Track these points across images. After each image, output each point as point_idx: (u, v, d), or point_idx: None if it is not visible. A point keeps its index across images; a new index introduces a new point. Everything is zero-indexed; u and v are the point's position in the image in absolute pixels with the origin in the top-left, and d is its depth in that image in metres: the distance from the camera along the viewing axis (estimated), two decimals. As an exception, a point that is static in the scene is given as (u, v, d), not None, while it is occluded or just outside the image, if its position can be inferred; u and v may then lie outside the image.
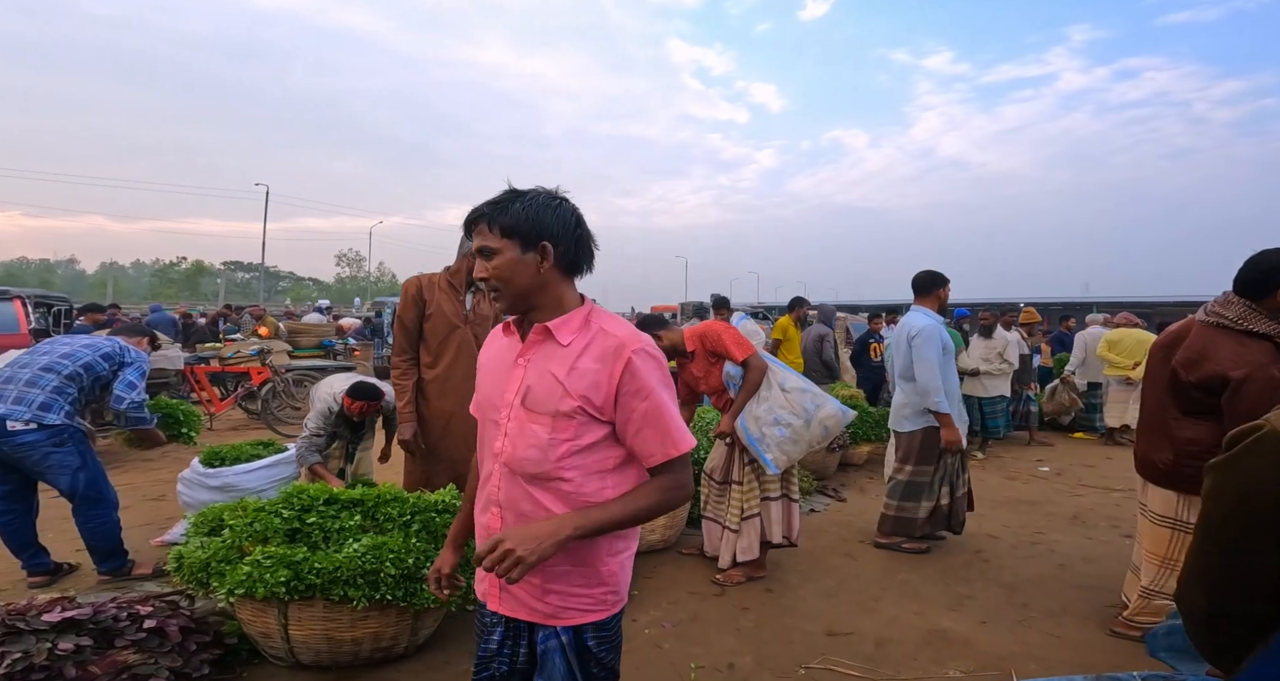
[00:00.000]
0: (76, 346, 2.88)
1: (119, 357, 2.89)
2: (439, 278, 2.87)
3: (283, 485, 3.44)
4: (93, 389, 2.87)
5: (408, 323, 2.79)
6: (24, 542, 2.89)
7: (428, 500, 2.17)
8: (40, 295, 8.86)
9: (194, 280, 53.62)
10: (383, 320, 13.57)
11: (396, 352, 2.81)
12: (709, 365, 3.11)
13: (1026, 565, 3.51)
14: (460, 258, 2.89)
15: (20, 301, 7.06)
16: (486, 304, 2.91)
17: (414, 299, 2.79)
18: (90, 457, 2.83)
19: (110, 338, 3.06)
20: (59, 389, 2.73)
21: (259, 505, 2.02)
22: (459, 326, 2.81)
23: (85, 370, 2.81)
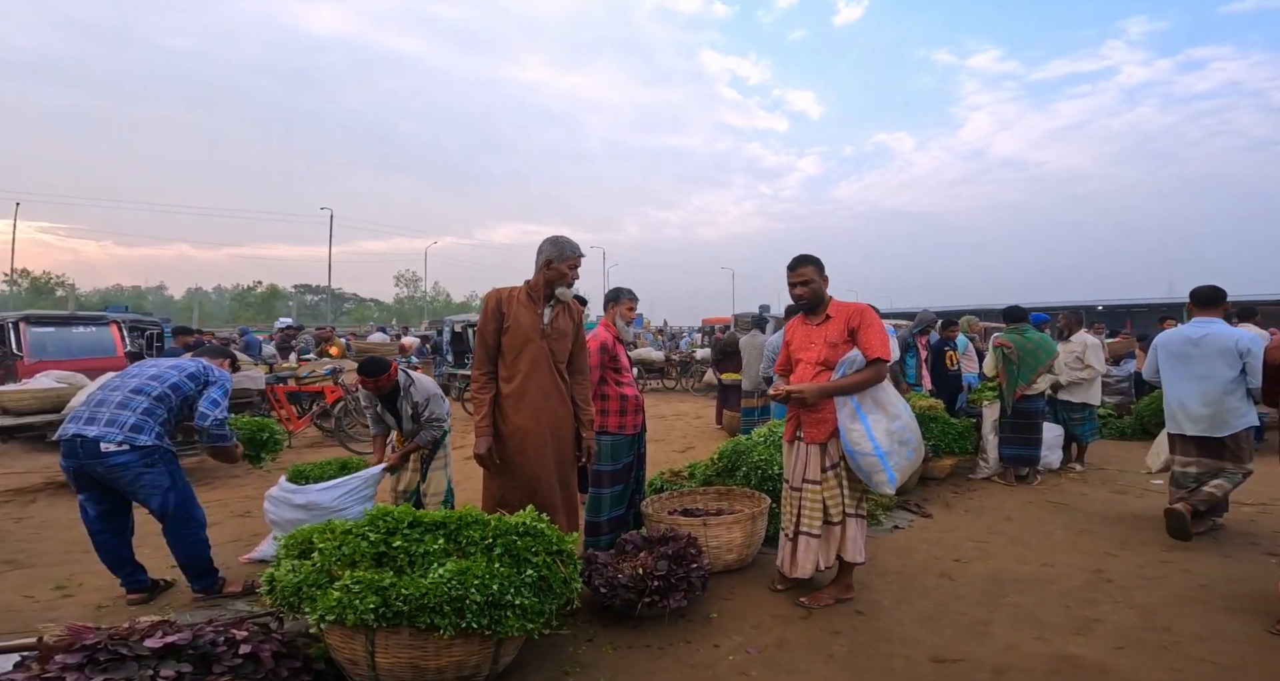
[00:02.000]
0: (164, 368, 2.99)
1: (204, 377, 2.99)
2: (518, 291, 2.86)
3: (362, 502, 3.52)
4: (180, 409, 2.96)
5: (487, 337, 2.78)
6: (121, 560, 2.98)
7: (508, 523, 2.11)
8: (134, 319, 9.53)
9: (269, 303, 56.90)
10: (442, 338, 14.02)
11: (475, 366, 2.81)
12: (837, 340, 2.87)
13: (1159, 586, 3.16)
14: (538, 270, 2.86)
15: (117, 325, 7.59)
16: (565, 318, 2.88)
17: (493, 312, 2.79)
18: (180, 478, 2.91)
19: (195, 359, 3.18)
20: (149, 410, 2.82)
21: (346, 527, 2.02)
22: (534, 340, 2.78)
23: (173, 391, 2.91)
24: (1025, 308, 5.62)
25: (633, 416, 3.42)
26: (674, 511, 3.74)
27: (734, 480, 4.03)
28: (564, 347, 2.85)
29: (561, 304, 2.89)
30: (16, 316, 6.98)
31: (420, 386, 3.73)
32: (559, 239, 2.86)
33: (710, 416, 9.52)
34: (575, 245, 2.87)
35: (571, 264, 2.82)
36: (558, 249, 2.82)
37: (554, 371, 2.81)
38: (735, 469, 4.05)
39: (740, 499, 3.84)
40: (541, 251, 2.85)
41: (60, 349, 6.93)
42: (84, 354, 6.95)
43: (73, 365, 6.28)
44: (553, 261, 2.81)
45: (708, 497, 3.94)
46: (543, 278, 2.82)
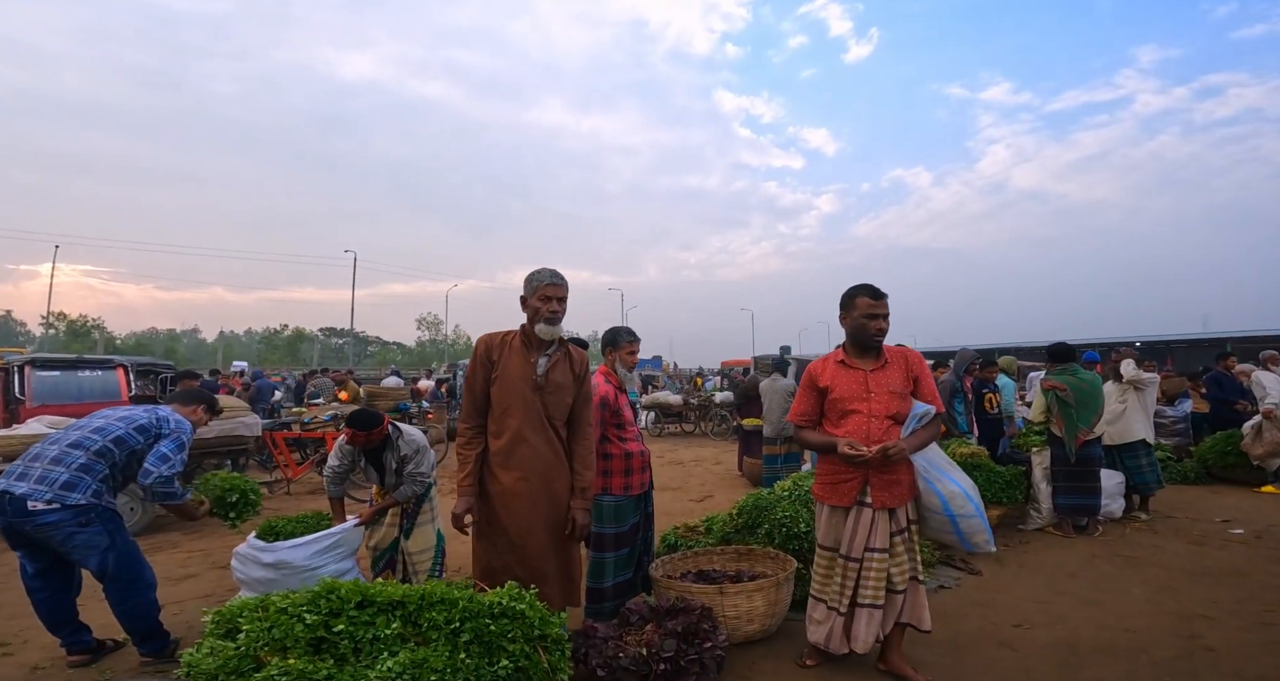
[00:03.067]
0: (112, 420, 2.75)
1: (155, 429, 2.73)
2: (513, 336, 2.53)
3: (340, 560, 3.17)
4: (128, 464, 2.71)
5: (475, 386, 2.47)
6: (62, 620, 2.75)
7: (480, 603, 1.75)
8: (146, 363, 9.48)
9: (294, 346, 57.86)
10: (457, 382, 13.81)
11: (462, 419, 2.49)
12: (901, 388, 2.45)
13: (1271, 652, 2.66)
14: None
15: (123, 369, 7.49)
16: (564, 368, 2.51)
17: (481, 359, 2.48)
18: (121, 537, 2.67)
19: (154, 407, 2.91)
20: (85, 466, 2.61)
21: (281, 604, 1.67)
22: (525, 393, 2.43)
23: (116, 445, 2.67)
24: (1076, 345, 5.18)
25: (638, 475, 3.08)
26: (687, 574, 3.32)
27: (755, 538, 3.59)
28: (561, 402, 2.49)
29: (561, 352, 2.53)
30: (22, 359, 6.95)
31: (408, 438, 3.44)
32: (531, 274, 2.51)
33: (730, 462, 9.07)
34: (545, 272, 2.47)
35: (544, 294, 2.43)
36: (526, 283, 2.49)
37: (548, 428, 2.45)
38: (756, 526, 3.62)
39: (762, 560, 3.40)
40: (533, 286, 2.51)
41: (65, 393, 6.84)
42: (89, 398, 6.84)
43: (76, 409, 6.15)
44: (526, 298, 2.48)
45: (726, 558, 3.50)
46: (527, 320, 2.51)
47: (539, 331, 2.44)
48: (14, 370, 6.62)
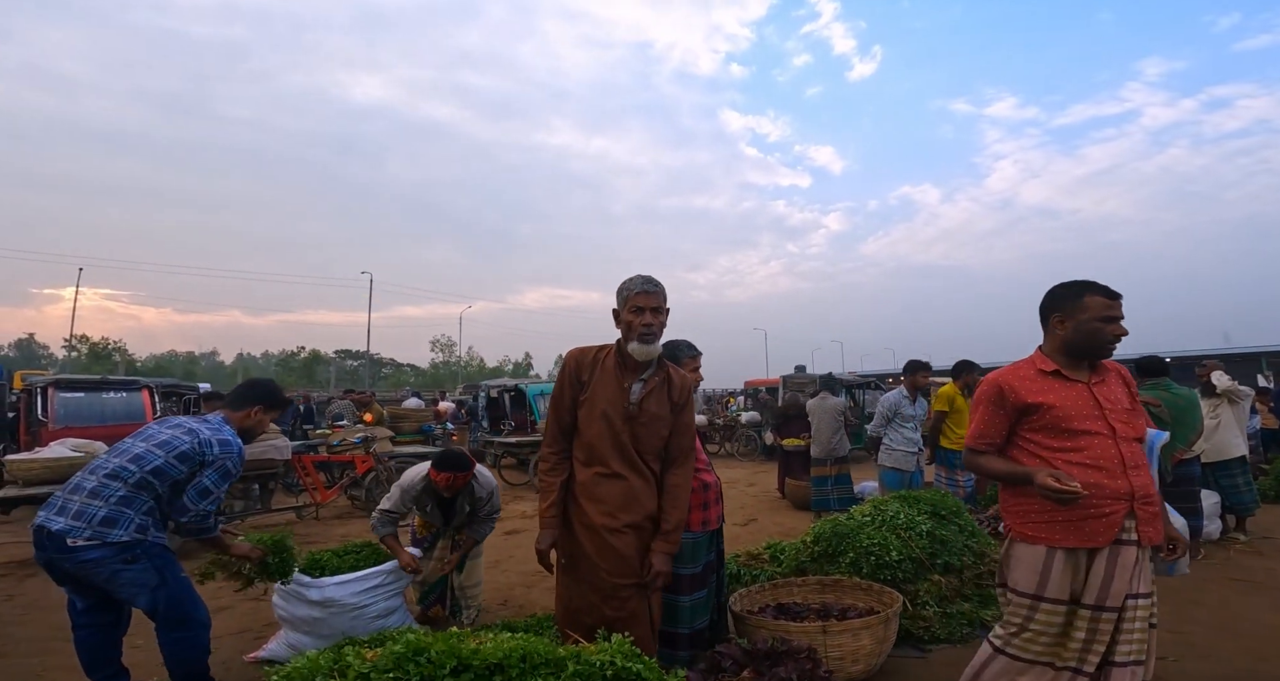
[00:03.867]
0: (151, 447, 2.42)
1: (198, 456, 2.41)
2: (607, 353, 2.19)
3: (389, 598, 2.90)
4: (172, 495, 2.42)
5: (560, 409, 2.18)
6: (102, 661, 2.45)
7: (590, 663, 1.45)
8: (171, 384, 9.35)
9: (311, 368, 58.12)
10: (477, 403, 13.63)
11: (546, 442, 2.20)
12: (1132, 405, 2.04)
13: None
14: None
15: (148, 391, 7.32)
16: (661, 397, 2.15)
17: (569, 379, 2.17)
18: (172, 573, 2.38)
19: (202, 423, 2.54)
20: (126, 499, 2.33)
21: (361, 668, 1.38)
22: (614, 422, 2.10)
23: (155, 476, 2.36)
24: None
25: (715, 508, 2.80)
26: (766, 608, 3.01)
27: (838, 568, 3.26)
28: (654, 434, 2.15)
29: (660, 376, 2.16)
30: (45, 381, 6.80)
31: (483, 480, 3.23)
32: (622, 284, 2.18)
33: (764, 484, 8.74)
34: (636, 280, 2.14)
35: (635, 306, 2.09)
36: (618, 294, 2.17)
37: (639, 463, 2.13)
38: (837, 554, 3.29)
39: (851, 592, 3.07)
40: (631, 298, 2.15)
41: (88, 414, 6.66)
42: (112, 420, 6.67)
43: (100, 431, 5.97)
44: (617, 311, 2.17)
45: (808, 590, 3.18)
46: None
47: (632, 351, 2.10)
48: (37, 391, 6.48)
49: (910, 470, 4.58)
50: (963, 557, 3.27)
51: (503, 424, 12.13)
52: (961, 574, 3.24)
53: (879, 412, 4.72)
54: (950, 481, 4.71)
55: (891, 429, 4.61)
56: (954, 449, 4.66)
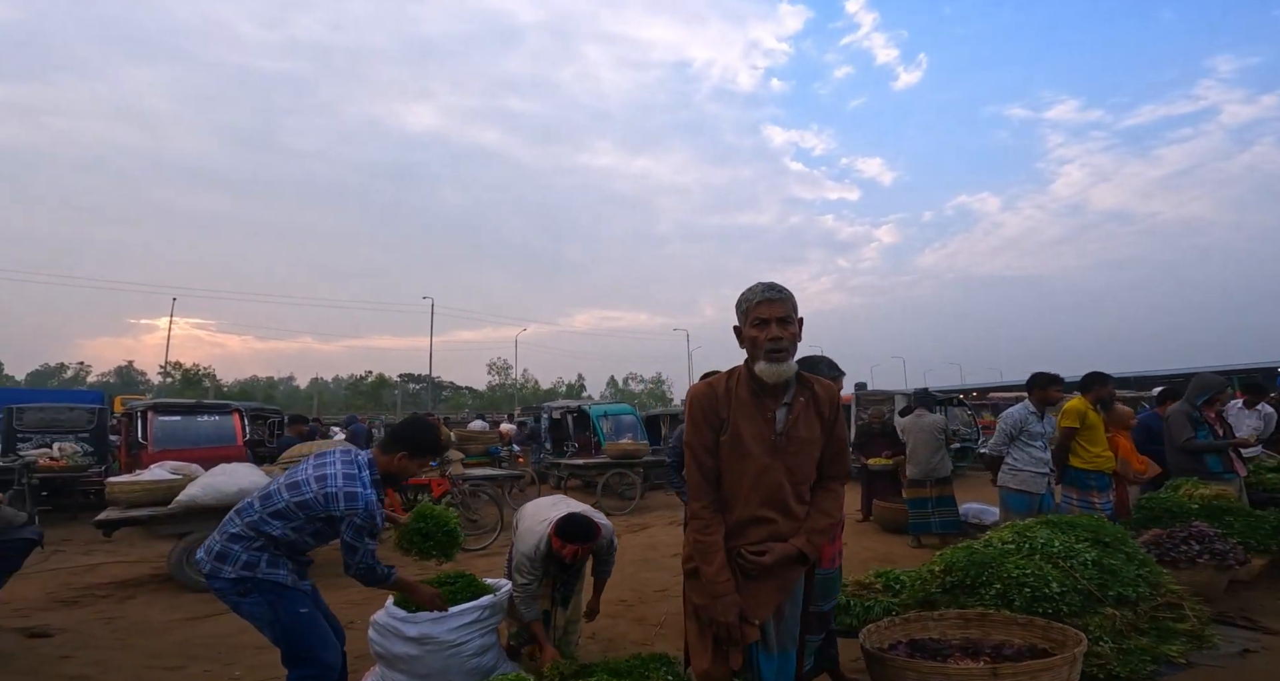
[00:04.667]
0: (284, 485, 2.33)
1: (320, 509, 2.25)
2: (736, 381, 1.88)
3: (484, 635, 2.73)
4: (296, 537, 2.31)
5: (700, 455, 1.87)
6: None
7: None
8: (257, 408, 9.77)
9: (377, 392, 60.46)
10: (540, 425, 13.63)
11: (693, 496, 1.89)
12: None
13: None
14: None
15: (239, 414, 7.60)
16: (809, 419, 1.88)
17: (704, 420, 1.87)
18: (285, 610, 2.27)
19: (347, 465, 2.32)
20: (236, 536, 2.28)
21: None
22: (762, 458, 1.82)
23: (275, 518, 2.28)
24: (1212, 372, 4.25)
25: (839, 542, 2.58)
26: (897, 644, 2.66)
27: (980, 601, 2.86)
28: (806, 461, 1.88)
29: (805, 396, 1.88)
30: (144, 405, 7.16)
31: (605, 530, 2.99)
32: (741, 296, 1.93)
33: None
34: (757, 288, 1.88)
35: (758, 318, 1.83)
36: (737, 308, 1.92)
37: (790, 505, 1.86)
38: (979, 585, 2.89)
39: (1004, 627, 2.67)
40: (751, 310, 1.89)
41: (184, 437, 6.96)
42: (206, 443, 6.94)
43: (195, 454, 6.20)
44: (740, 328, 1.91)
45: (947, 624, 2.80)
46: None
47: (760, 373, 1.82)
48: (137, 415, 6.83)
49: (1040, 492, 4.11)
50: (1137, 589, 2.82)
51: (566, 445, 12.06)
52: (1136, 607, 2.80)
53: (1000, 430, 4.27)
54: (1084, 503, 4.22)
55: (1016, 447, 4.16)
56: (1086, 468, 4.22)
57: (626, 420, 11.54)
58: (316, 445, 5.60)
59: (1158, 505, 4.21)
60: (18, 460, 7.36)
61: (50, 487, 7.57)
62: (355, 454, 2.39)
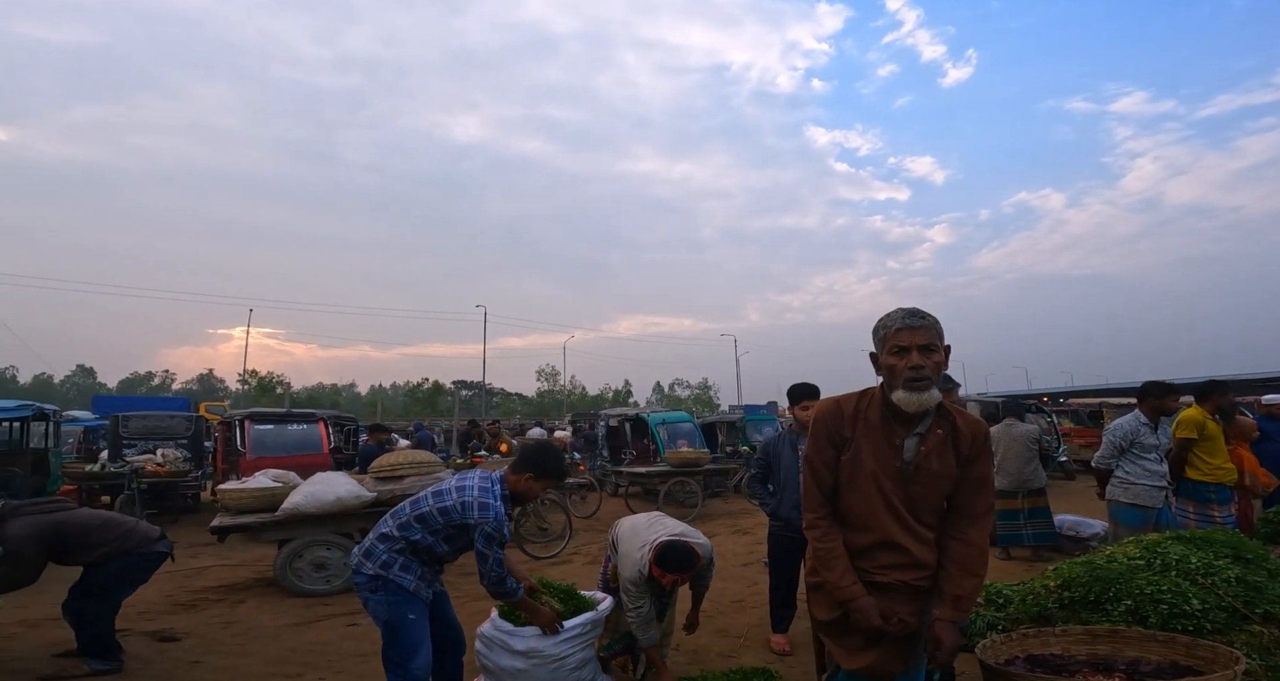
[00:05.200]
0: (431, 492, 2.57)
1: (458, 516, 2.47)
2: (868, 403, 1.85)
3: (585, 648, 2.80)
4: (432, 542, 2.53)
5: (818, 470, 1.88)
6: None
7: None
8: (334, 415, 10.21)
9: (433, 399, 62.27)
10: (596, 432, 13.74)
11: (807, 508, 1.91)
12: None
13: None
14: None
15: (324, 423, 7.97)
16: (944, 453, 1.79)
17: (826, 438, 1.86)
18: (398, 613, 2.46)
19: (484, 480, 2.56)
20: (384, 536, 2.55)
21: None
22: (883, 483, 1.79)
23: (419, 521, 2.51)
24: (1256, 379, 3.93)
25: None
26: (1014, 660, 2.56)
27: (1107, 617, 2.74)
28: (933, 492, 1.82)
29: (944, 428, 1.80)
30: (243, 414, 7.60)
31: (703, 551, 2.99)
32: (878, 322, 1.86)
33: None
34: (896, 314, 1.81)
35: (897, 345, 1.76)
36: (874, 334, 1.86)
37: (914, 526, 1.81)
38: (1105, 601, 2.77)
39: (1139, 643, 2.53)
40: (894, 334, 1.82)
41: (277, 445, 7.35)
42: (296, 450, 7.31)
43: (286, 461, 6.51)
44: (876, 355, 1.85)
45: (1071, 641, 2.67)
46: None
47: (898, 401, 1.75)
48: (235, 423, 7.25)
49: (1157, 507, 3.91)
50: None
51: (624, 453, 12.12)
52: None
53: (1109, 442, 4.08)
54: (1203, 517, 4.02)
55: (1127, 460, 3.97)
56: (1205, 481, 4.03)
57: (684, 428, 11.53)
58: (400, 456, 5.80)
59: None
60: (126, 466, 7.95)
61: (154, 491, 8.13)
62: (489, 473, 2.61)
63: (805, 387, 3.71)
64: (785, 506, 3.58)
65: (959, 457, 1.81)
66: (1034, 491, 5.70)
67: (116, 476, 7.84)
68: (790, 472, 3.58)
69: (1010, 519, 5.66)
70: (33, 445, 7.67)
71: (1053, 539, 5.64)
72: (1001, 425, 5.97)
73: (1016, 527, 5.66)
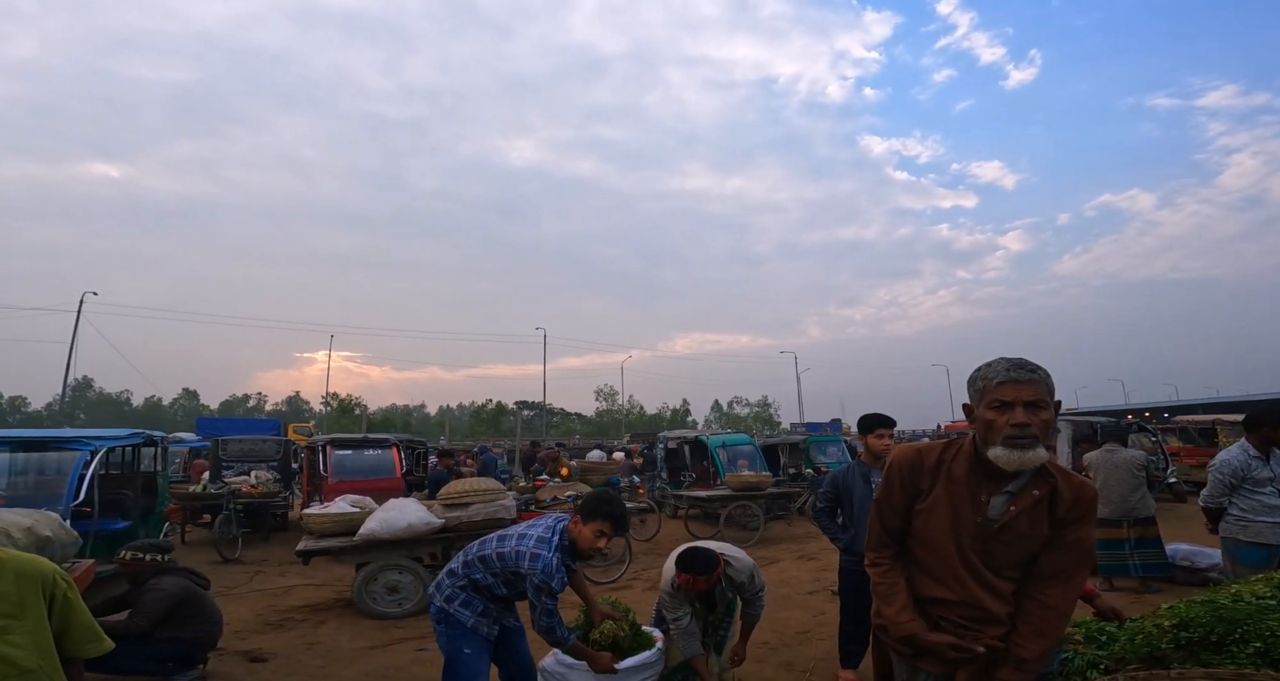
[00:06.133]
0: (494, 537, 2.69)
1: (512, 563, 2.53)
2: (954, 454, 1.74)
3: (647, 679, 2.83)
4: (496, 581, 2.61)
5: (886, 512, 1.84)
6: None
7: None
8: (406, 439, 10.72)
9: (497, 419, 64.13)
10: (655, 453, 13.76)
11: (871, 545, 1.88)
12: None
13: None
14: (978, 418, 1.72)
15: (397, 448, 8.40)
16: (1038, 514, 1.66)
17: (902, 485, 1.80)
18: (456, 648, 2.57)
19: (546, 530, 2.60)
20: (451, 572, 2.68)
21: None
22: (963, 539, 1.70)
23: (482, 562, 2.63)
24: None
25: None
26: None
27: (1232, 658, 2.51)
28: (1017, 552, 1.71)
29: (1041, 489, 1.65)
30: (325, 440, 8.13)
31: (737, 564, 3.00)
32: (977, 372, 1.72)
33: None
34: (999, 365, 1.66)
35: (997, 400, 1.62)
36: (970, 385, 1.74)
37: (991, 581, 1.71)
38: (1229, 642, 2.54)
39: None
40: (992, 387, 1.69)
41: (355, 469, 7.82)
42: (371, 475, 7.75)
43: (363, 485, 6.92)
44: (971, 407, 1.73)
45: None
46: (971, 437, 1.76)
47: (995, 458, 1.61)
48: (319, 448, 7.78)
49: (1279, 544, 3.57)
50: None
51: (683, 475, 12.06)
52: None
53: (1216, 480, 3.74)
54: None
55: (1240, 496, 3.65)
56: None
57: (745, 450, 11.34)
58: (466, 483, 6.00)
59: None
60: (225, 487, 8.65)
61: (248, 511, 8.79)
62: (558, 519, 2.66)
63: (879, 417, 3.61)
64: (860, 540, 3.49)
65: (1053, 520, 1.67)
66: (1141, 520, 5.32)
67: (216, 497, 8.51)
68: (863, 505, 3.47)
69: (1114, 548, 5.28)
70: (143, 468, 8.48)
71: (1165, 569, 5.22)
72: (1102, 450, 5.61)
73: (1121, 557, 5.26)
